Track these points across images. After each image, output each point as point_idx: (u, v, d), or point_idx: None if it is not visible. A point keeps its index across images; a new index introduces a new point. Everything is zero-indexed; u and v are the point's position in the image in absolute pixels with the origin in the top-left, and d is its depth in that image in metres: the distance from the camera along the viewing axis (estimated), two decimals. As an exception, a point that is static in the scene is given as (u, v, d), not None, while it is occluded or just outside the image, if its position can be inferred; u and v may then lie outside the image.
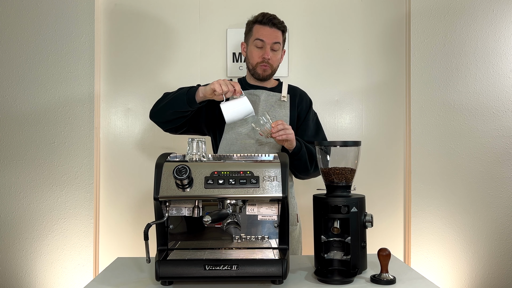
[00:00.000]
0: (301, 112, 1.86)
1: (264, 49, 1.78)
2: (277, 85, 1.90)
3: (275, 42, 1.78)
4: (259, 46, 1.78)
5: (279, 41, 1.80)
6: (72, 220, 2.37)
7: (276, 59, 1.82)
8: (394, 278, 1.26)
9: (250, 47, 1.82)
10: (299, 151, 1.67)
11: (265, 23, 1.78)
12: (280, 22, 1.81)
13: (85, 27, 2.37)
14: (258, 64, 1.80)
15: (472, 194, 2.41)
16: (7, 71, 2.37)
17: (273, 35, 1.78)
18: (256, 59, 1.80)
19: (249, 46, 1.83)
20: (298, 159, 1.69)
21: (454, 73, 2.42)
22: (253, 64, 1.81)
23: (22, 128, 2.37)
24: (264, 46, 1.78)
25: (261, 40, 1.77)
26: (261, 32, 1.78)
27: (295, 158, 1.69)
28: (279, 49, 1.82)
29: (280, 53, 1.84)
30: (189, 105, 1.64)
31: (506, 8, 2.42)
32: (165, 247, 1.32)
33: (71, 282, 2.36)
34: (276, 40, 1.78)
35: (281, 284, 1.23)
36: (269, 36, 1.77)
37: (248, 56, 1.84)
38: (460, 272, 2.42)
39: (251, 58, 1.81)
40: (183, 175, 1.19)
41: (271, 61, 1.80)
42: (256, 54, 1.79)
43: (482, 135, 2.41)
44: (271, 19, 1.78)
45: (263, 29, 1.78)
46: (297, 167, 1.75)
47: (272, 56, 1.79)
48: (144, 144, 2.46)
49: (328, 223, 1.33)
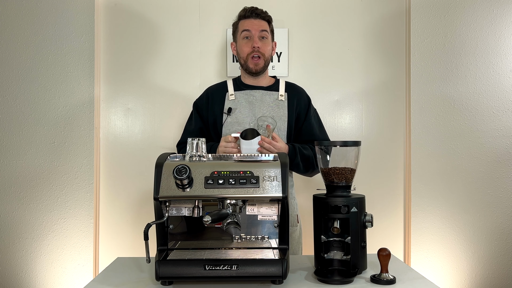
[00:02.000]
0: (301, 112, 1.85)
1: (252, 40, 1.79)
2: (273, 83, 1.89)
3: (262, 30, 1.80)
4: (247, 37, 1.80)
5: (266, 29, 1.81)
6: (72, 220, 2.37)
7: (266, 48, 1.81)
8: (394, 278, 1.26)
9: (239, 42, 1.83)
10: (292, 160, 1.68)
11: (248, 16, 1.81)
12: (263, 12, 1.83)
13: (85, 27, 2.37)
14: (249, 56, 1.79)
15: (472, 194, 2.41)
16: (7, 71, 2.37)
17: (258, 24, 1.80)
18: (246, 50, 1.80)
19: (237, 42, 1.84)
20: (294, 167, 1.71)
21: (454, 72, 2.42)
22: (244, 58, 1.81)
23: (22, 128, 2.37)
24: (251, 36, 1.79)
25: (248, 30, 1.79)
26: (246, 23, 1.80)
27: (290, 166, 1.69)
28: (267, 38, 1.82)
29: (269, 42, 1.83)
30: None
31: (506, 8, 2.41)
32: (165, 247, 1.32)
33: (71, 282, 2.36)
34: (262, 28, 1.80)
35: (281, 284, 1.23)
36: (255, 26, 1.79)
37: (238, 52, 1.85)
38: (460, 272, 2.42)
39: (241, 51, 1.82)
40: (183, 175, 1.19)
41: (262, 50, 1.79)
42: (245, 46, 1.80)
43: (482, 135, 2.41)
44: (253, 10, 1.81)
45: (247, 21, 1.81)
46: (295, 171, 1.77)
47: (262, 45, 1.79)
48: (144, 144, 2.46)
49: (328, 223, 1.33)
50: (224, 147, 1.63)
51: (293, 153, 1.69)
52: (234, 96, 1.82)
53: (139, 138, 2.47)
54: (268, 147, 1.57)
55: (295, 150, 1.70)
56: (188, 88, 2.46)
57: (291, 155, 1.67)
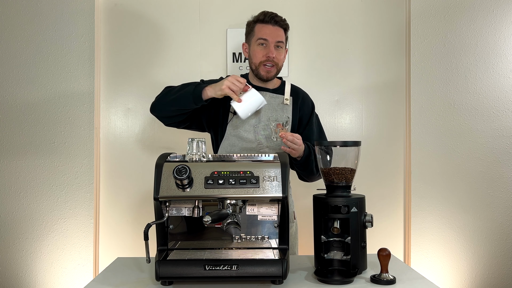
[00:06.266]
0: (303, 116, 1.84)
1: (268, 48, 1.75)
2: (279, 85, 1.88)
3: (279, 41, 1.76)
4: (262, 44, 1.76)
5: (282, 40, 1.78)
6: (72, 220, 2.37)
7: (280, 57, 1.79)
8: (394, 278, 1.26)
9: (253, 47, 1.78)
10: (307, 159, 1.68)
11: (267, 21, 1.76)
12: (282, 20, 1.79)
13: (85, 27, 2.37)
14: (262, 64, 1.76)
15: (472, 194, 2.41)
16: (7, 71, 2.37)
17: (276, 33, 1.76)
18: (260, 58, 1.76)
19: (251, 46, 1.80)
20: (304, 166, 1.70)
21: (454, 73, 2.42)
22: (256, 64, 1.78)
23: (22, 128, 2.37)
24: (267, 45, 1.75)
25: (264, 39, 1.75)
26: (264, 30, 1.75)
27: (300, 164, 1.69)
28: (282, 48, 1.79)
29: (283, 51, 1.81)
30: (195, 103, 1.63)
31: (506, 8, 2.41)
32: (165, 247, 1.32)
33: (71, 282, 2.36)
34: (279, 38, 1.76)
35: (281, 284, 1.23)
36: (272, 35, 1.75)
37: (251, 56, 1.81)
38: (460, 272, 2.42)
39: (254, 57, 1.78)
40: (183, 175, 1.19)
41: (276, 60, 1.76)
42: (260, 53, 1.76)
43: (482, 135, 2.41)
44: (273, 17, 1.76)
45: (265, 28, 1.76)
46: (303, 172, 1.76)
47: (277, 55, 1.76)
48: (144, 144, 2.46)
49: (328, 223, 1.33)
50: (232, 83, 1.57)
51: (309, 151, 1.69)
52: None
53: (139, 138, 2.47)
54: (291, 139, 1.58)
55: (310, 148, 1.71)
56: (188, 88, 2.46)
57: (307, 153, 1.68)
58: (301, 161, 1.68)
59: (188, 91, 1.64)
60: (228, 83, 1.57)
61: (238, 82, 1.58)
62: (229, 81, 1.58)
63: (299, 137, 1.63)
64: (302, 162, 1.68)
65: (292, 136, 1.59)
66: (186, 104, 1.65)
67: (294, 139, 1.59)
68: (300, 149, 1.63)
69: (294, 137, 1.60)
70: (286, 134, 1.59)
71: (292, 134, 1.60)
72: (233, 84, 1.57)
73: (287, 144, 1.59)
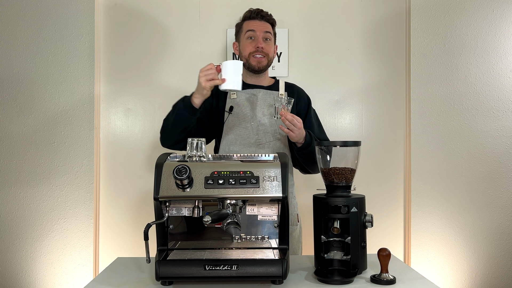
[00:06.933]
0: (300, 110, 1.86)
1: (256, 40, 1.80)
2: (273, 83, 1.91)
3: (266, 31, 1.81)
4: (251, 37, 1.81)
5: (270, 31, 1.83)
6: (72, 220, 2.36)
7: (270, 49, 1.83)
8: (394, 278, 1.26)
9: (242, 41, 1.84)
10: (308, 146, 1.68)
11: (253, 17, 1.82)
12: (268, 14, 1.85)
13: (85, 27, 2.37)
14: (251, 55, 1.80)
15: (472, 194, 2.41)
16: (7, 71, 2.36)
17: (263, 26, 1.82)
18: (249, 49, 1.80)
19: (241, 42, 1.85)
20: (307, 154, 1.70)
21: (454, 72, 2.42)
22: (246, 56, 1.82)
23: (22, 128, 2.37)
24: (255, 37, 1.80)
25: (252, 31, 1.80)
26: (251, 24, 1.82)
27: (304, 152, 1.69)
28: (271, 40, 1.84)
29: (272, 44, 1.86)
30: (192, 114, 1.65)
31: (506, 8, 2.41)
32: (165, 247, 1.32)
33: (71, 282, 2.36)
34: (266, 29, 1.82)
35: (281, 284, 1.23)
36: (260, 27, 1.81)
37: (240, 51, 1.86)
38: (460, 272, 2.42)
39: (244, 50, 1.83)
40: (183, 175, 1.19)
41: (265, 50, 1.81)
42: (249, 45, 1.81)
43: (482, 135, 2.41)
44: (259, 12, 1.83)
45: (253, 22, 1.82)
46: (305, 161, 1.75)
47: (266, 46, 1.81)
48: (144, 144, 2.46)
49: (328, 223, 1.33)
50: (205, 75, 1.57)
51: (310, 139, 1.69)
52: (236, 95, 1.83)
53: (139, 138, 2.47)
54: (291, 119, 1.57)
55: (311, 136, 1.71)
56: (188, 88, 2.43)
57: (308, 140, 1.68)
58: (303, 147, 1.68)
59: (180, 108, 1.68)
60: (202, 78, 1.58)
61: (207, 70, 1.59)
62: (202, 75, 1.59)
63: (300, 120, 1.62)
64: (303, 148, 1.68)
65: (292, 117, 1.59)
66: (186, 120, 1.67)
67: (294, 120, 1.59)
68: (300, 133, 1.62)
69: (294, 118, 1.59)
70: (286, 113, 1.59)
71: (292, 115, 1.59)
72: (206, 74, 1.58)
73: (285, 123, 1.58)
